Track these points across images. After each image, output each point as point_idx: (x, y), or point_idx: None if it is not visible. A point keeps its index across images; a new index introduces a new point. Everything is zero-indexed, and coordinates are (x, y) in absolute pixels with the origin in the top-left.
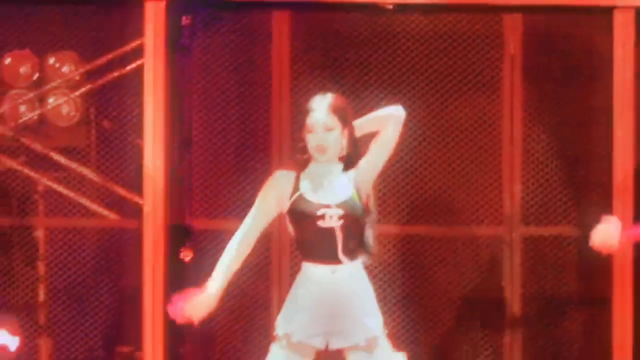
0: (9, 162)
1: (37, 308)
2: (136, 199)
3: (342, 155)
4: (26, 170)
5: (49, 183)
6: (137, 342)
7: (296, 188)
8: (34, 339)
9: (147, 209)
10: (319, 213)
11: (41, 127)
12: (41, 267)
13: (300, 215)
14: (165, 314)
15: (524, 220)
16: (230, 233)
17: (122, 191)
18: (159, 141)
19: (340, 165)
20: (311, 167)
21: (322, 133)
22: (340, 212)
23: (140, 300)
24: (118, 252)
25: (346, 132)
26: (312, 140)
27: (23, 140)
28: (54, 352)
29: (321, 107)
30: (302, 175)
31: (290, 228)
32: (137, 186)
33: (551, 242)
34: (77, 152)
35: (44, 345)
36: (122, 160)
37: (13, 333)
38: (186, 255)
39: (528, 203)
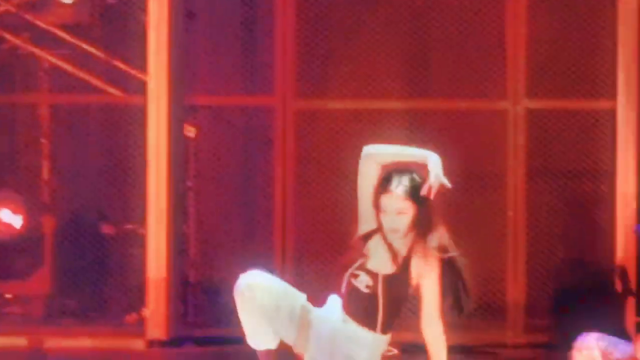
0: (13, 39)
1: (41, 186)
2: (140, 75)
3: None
4: (30, 47)
5: (53, 60)
6: (141, 220)
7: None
8: (38, 217)
9: (151, 85)
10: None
11: (45, 3)
12: (45, 145)
13: None
14: (169, 191)
15: (528, 94)
16: (232, 110)
17: (126, 67)
18: (164, 16)
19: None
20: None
21: (395, 216)
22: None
23: (145, 177)
24: (122, 129)
25: (418, 210)
26: (386, 222)
27: (27, 17)
28: (57, 230)
29: (397, 192)
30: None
31: None
32: (141, 62)
33: (555, 116)
34: (81, 29)
35: (48, 223)
36: (126, 36)
37: (17, 211)
38: (190, 131)
39: (533, 76)
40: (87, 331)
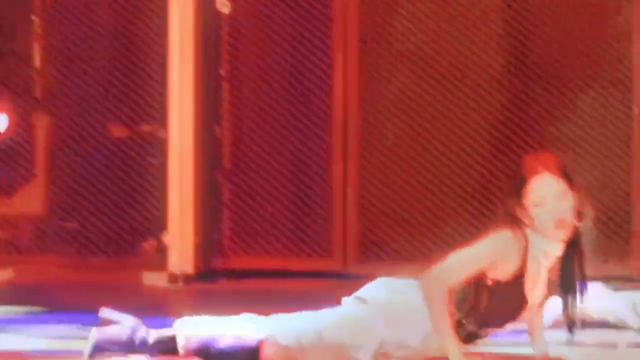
0: None
1: (32, 77)
2: None
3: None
4: None
5: None
6: (161, 120)
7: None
8: (29, 116)
9: None
10: None
11: None
12: (37, 24)
13: None
14: (197, 82)
15: None
16: None
17: None
18: None
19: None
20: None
21: (557, 202)
22: None
23: (166, 65)
24: (139, 6)
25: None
26: (545, 214)
27: None
28: (53, 133)
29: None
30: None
31: None
32: None
33: None
34: None
35: (41, 123)
36: None
37: (1, 109)
38: (224, 6)
39: None
40: (90, 262)
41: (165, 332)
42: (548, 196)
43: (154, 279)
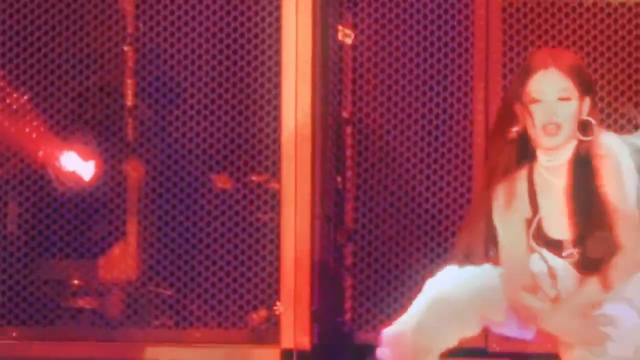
0: None
1: (124, 118)
2: None
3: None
4: None
5: None
6: (273, 169)
7: (535, 208)
8: (118, 164)
9: None
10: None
11: None
12: (129, 54)
13: None
14: (314, 125)
15: None
16: None
17: None
18: None
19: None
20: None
21: (553, 104)
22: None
23: (279, 104)
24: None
25: (586, 102)
26: (539, 115)
27: None
28: (146, 184)
29: (550, 68)
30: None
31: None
32: None
33: None
34: None
35: (132, 173)
36: None
37: (86, 156)
38: (347, 36)
39: None
40: (189, 336)
41: None
42: (547, 93)
43: (264, 356)
